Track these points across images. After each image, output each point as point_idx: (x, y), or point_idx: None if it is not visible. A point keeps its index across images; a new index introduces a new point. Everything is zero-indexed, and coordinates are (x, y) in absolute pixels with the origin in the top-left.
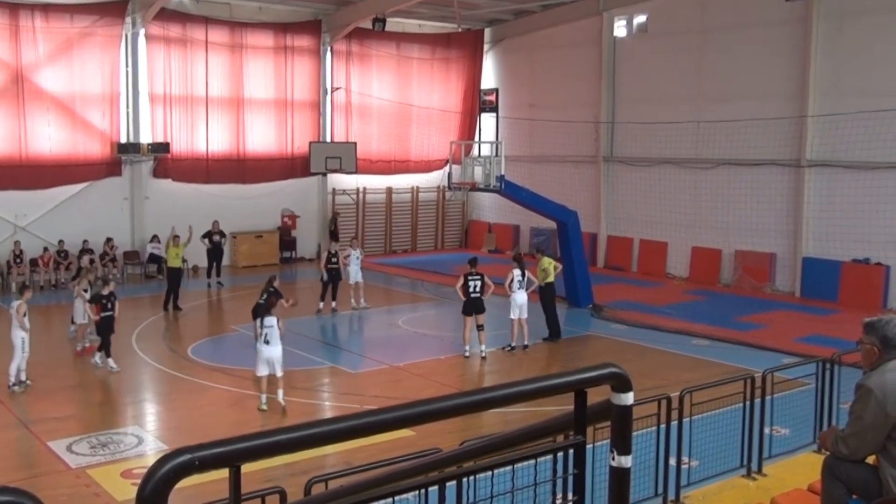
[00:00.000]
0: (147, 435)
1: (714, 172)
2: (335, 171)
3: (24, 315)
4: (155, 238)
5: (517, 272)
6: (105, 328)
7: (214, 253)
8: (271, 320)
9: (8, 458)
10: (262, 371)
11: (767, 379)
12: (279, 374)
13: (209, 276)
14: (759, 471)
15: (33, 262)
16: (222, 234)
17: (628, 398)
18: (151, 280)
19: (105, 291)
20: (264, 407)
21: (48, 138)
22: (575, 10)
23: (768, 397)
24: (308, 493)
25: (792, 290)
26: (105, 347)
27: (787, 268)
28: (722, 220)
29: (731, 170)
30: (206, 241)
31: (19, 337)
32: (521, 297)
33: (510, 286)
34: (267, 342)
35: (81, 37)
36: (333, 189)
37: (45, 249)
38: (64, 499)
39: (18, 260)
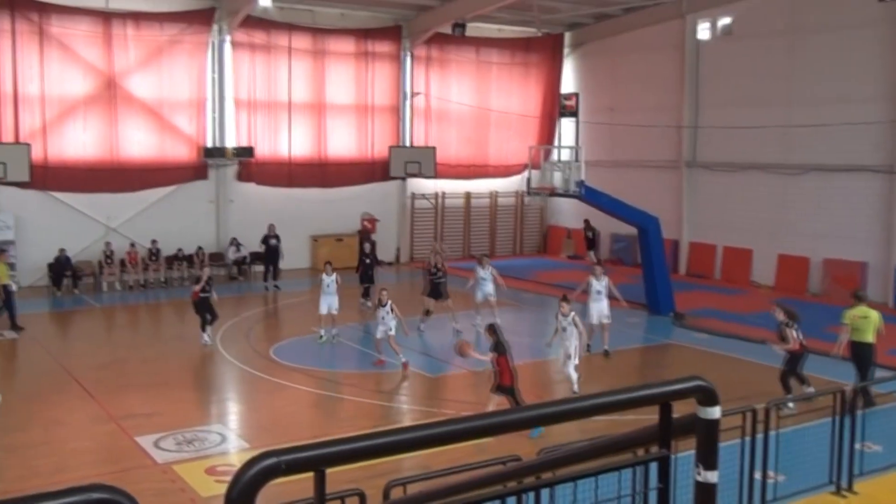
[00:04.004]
0: (230, 433)
1: (802, 178)
2: (414, 175)
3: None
4: (234, 241)
5: (593, 279)
6: None
7: (270, 256)
8: (329, 279)
9: (98, 452)
10: (322, 309)
11: (859, 393)
12: (334, 312)
13: (265, 279)
14: (850, 488)
15: (122, 263)
16: (278, 238)
17: (715, 412)
18: (234, 281)
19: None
20: (322, 339)
21: (137, 143)
22: (657, 14)
23: (859, 412)
24: (387, 497)
25: (885, 300)
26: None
27: (879, 277)
28: (810, 227)
29: (821, 175)
30: (262, 244)
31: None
32: (600, 304)
33: (586, 293)
34: (323, 293)
35: (170, 44)
36: (412, 193)
37: (132, 245)
38: (151, 493)
39: (109, 260)
